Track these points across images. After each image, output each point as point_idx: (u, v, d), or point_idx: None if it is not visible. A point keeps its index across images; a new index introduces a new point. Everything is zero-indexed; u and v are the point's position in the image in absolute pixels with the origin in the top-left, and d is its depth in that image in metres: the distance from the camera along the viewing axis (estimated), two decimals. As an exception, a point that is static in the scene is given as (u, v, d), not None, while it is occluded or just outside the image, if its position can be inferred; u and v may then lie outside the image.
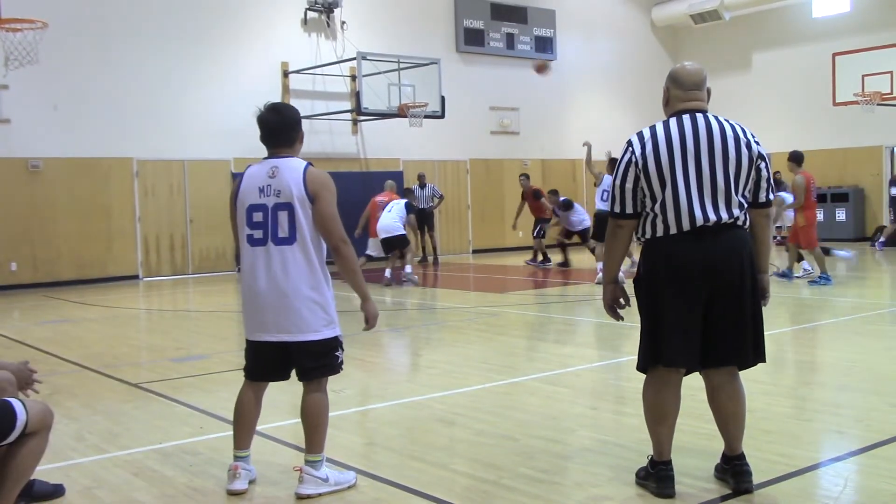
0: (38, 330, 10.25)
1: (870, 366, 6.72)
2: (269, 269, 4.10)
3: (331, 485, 4.11)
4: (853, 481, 4.14)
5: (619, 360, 7.11)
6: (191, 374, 7.26)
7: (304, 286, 4.08)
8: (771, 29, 22.64)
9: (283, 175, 4.10)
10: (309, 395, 4.15)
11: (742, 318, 3.84)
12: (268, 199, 4.12)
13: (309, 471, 4.09)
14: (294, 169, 4.12)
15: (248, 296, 4.20)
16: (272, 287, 4.09)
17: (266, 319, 4.14)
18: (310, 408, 4.14)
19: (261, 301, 4.13)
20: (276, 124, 4.21)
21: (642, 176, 3.86)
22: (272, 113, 4.23)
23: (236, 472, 4.20)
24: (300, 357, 4.15)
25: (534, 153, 22.05)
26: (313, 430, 4.13)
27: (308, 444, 4.16)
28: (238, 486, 4.19)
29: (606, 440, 4.83)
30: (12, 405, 3.53)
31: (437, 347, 8.67)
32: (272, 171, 4.14)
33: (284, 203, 4.08)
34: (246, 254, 4.19)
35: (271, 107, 4.28)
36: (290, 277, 4.07)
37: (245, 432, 4.32)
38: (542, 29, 22.16)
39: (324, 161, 18.50)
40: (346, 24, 18.82)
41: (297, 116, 4.28)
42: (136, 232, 16.46)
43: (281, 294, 4.08)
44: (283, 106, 4.33)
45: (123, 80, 16.15)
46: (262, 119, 4.24)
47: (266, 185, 4.13)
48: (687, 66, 4.01)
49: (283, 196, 4.09)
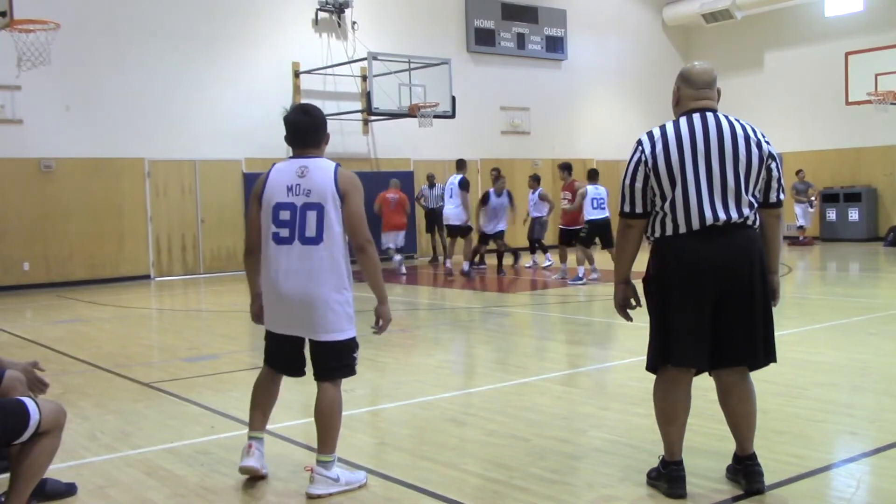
0: (51, 329, 10.30)
1: (883, 366, 6.68)
2: (294, 269, 4.10)
3: (342, 485, 4.10)
4: (866, 482, 4.11)
5: (630, 360, 7.09)
6: (202, 373, 7.28)
7: (329, 287, 4.09)
8: (783, 28, 22.54)
9: (314, 175, 4.11)
10: (324, 395, 4.14)
11: (753, 318, 3.83)
12: (297, 199, 4.12)
13: (320, 471, 4.08)
14: (325, 169, 4.14)
15: (271, 294, 4.20)
16: (297, 286, 4.09)
17: (288, 317, 4.16)
18: (325, 408, 4.13)
19: (284, 300, 4.14)
20: (306, 125, 4.23)
21: (652, 175, 3.85)
22: (301, 114, 4.25)
23: (250, 449, 4.23)
24: (322, 356, 4.16)
25: (544, 153, 22.02)
26: (327, 430, 4.12)
27: (321, 444, 4.15)
28: (250, 462, 4.20)
29: (617, 440, 4.82)
30: (25, 404, 3.54)
31: (448, 347, 8.66)
32: (301, 170, 4.14)
33: (314, 203, 4.09)
34: (270, 252, 4.18)
35: (300, 107, 4.30)
36: (315, 277, 4.08)
37: (259, 412, 4.34)
38: (553, 29, 22.13)
39: (334, 161, 18.52)
40: (357, 25, 18.84)
41: (324, 117, 4.31)
42: (148, 232, 16.52)
43: (305, 294, 4.08)
44: (311, 107, 4.33)
45: (135, 81, 16.21)
46: (291, 120, 4.24)
47: (295, 184, 4.12)
48: (697, 65, 4.00)
49: (313, 196, 4.09)
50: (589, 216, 13.18)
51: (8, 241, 15.02)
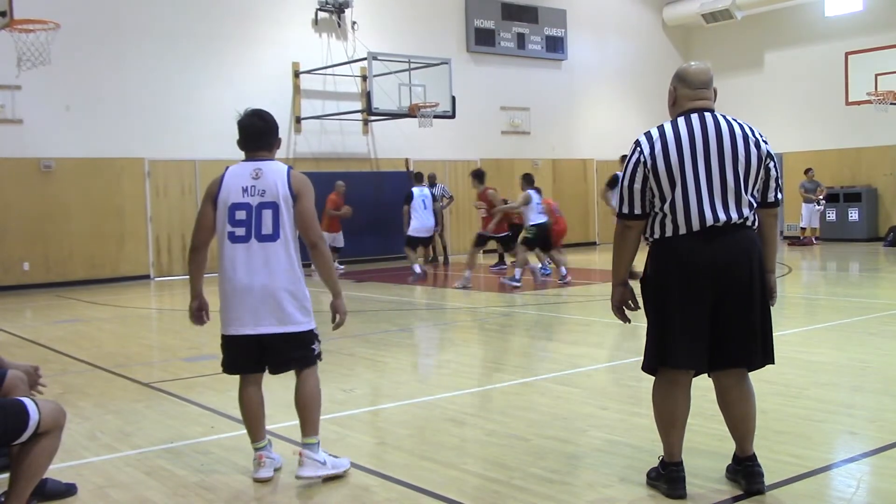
0: (51, 329, 10.30)
1: (883, 366, 6.68)
2: (251, 265, 4.26)
3: (328, 468, 4.28)
4: (866, 482, 4.11)
5: (630, 360, 7.09)
6: (202, 373, 7.28)
7: (286, 281, 4.27)
8: (783, 28, 22.54)
9: (268, 176, 4.32)
10: (302, 383, 4.35)
11: (751, 319, 3.82)
12: (252, 199, 4.30)
13: (308, 454, 4.25)
14: (278, 171, 4.35)
15: (228, 291, 4.33)
16: (254, 282, 4.25)
17: (245, 314, 4.28)
18: (304, 393, 4.34)
19: (241, 296, 4.28)
20: (262, 129, 4.45)
21: (651, 176, 3.84)
22: (257, 118, 4.46)
23: (261, 461, 4.38)
24: (281, 348, 4.30)
25: (545, 153, 22.02)
26: (308, 413, 4.34)
27: (304, 427, 4.34)
28: (263, 474, 4.35)
29: (617, 441, 4.82)
30: (25, 405, 3.54)
31: (448, 347, 8.66)
32: (256, 172, 4.34)
33: (269, 202, 4.28)
34: (226, 250, 4.33)
35: (255, 112, 4.49)
36: (273, 272, 4.26)
37: (256, 424, 4.47)
38: (553, 29, 22.13)
39: (334, 161, 18.55)
40: (357, 25, 18.84)
41: (276, 122, 4.52)
42: (148, 232, 16.53)
43: (263, 288, 4.24)
44: (264, 112, 4.53)
45: (135, 81, 16.22)
46: (246, 123, 4.45)
47: (250, 185, 4.32)
48: (694, 65, 4.00)
49: (267, 195, 4.29)
50: (535, 220, 13.21)
51: (8, 241, 15.02)
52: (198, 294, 4.50)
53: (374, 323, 10.00)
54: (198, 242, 4.46)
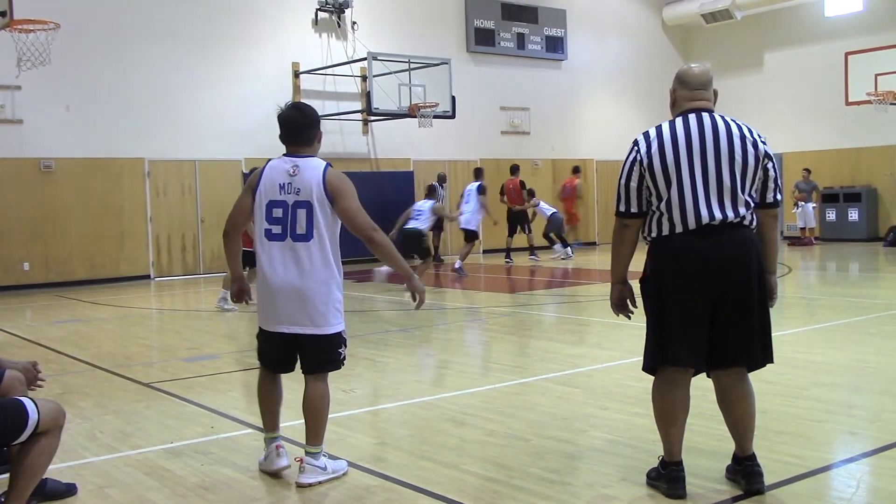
0: (51, 329, 10.30)
1: (883, 366, 6.68)
2: (286, 264, 4.22)
3: (329, 473, 4.25)
4: (866, 483, 4.11)
5: (630, 360, 7.09)
6: (202, 373, 7.28)
7: (319, 282, 4.21)
8: (783, 28, 22.53)
9: (304, 174, 4.22)
10: (313, 388, 4.28)
11: (750, 318, 3.83)
12: (288, 197, 4.22)
13: (309, 461, 4.22)
14: (314, 168, 4.24)
15: (264, 289, 4.31)
16: (288, 281, 4.21)
17: (280, 312, 4.24)
18: (314, 400, 4.27)
19: (276, 294, 4.24)
20: (299, 122, 4.32)
21: (647, 175, 3.86)
22: (295, 111, 4.35)
23: (279, 450, 4.36)
24: (309, 350, 4.27)
25: (544, 153, 22.02)
26: (316, 421, 4.27)
27: (310, 436, 4.28)
28: (283, 463, 4.34)
29: (617, 440, 4.82)
30: (24, 404, 3.54)
31: (448, 347, 8.66)
32: (293, 169, 4.24)
33: (304, 201, 4.20)
34: (263, 247, 4.28)
35: (294, 105, 4.39)
36: (306, 273, 4.20)
37: (270, 414, 4.45)
38: (553, 29, 22.13)
39: (334, 161, 18.40)
40: (357, 25, 18.84)
41: (318, 116, 4.40)
42: (148, 232, 16.52)
43: (296, 288, 4.19)
44: (305, 105, 4.42)
45: (135, 81, 16.21)
46: (284, 117, 4.34)
47: (287, 182, 4.23)
48: (693, 66, 4.03)
49: (302, 194, 4.20)
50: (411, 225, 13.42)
51: (8, 241, 15.02)
52: (238, 276, 4.59)
53: (374, 323, 10.01)
54: (228, 227, 4.50)
